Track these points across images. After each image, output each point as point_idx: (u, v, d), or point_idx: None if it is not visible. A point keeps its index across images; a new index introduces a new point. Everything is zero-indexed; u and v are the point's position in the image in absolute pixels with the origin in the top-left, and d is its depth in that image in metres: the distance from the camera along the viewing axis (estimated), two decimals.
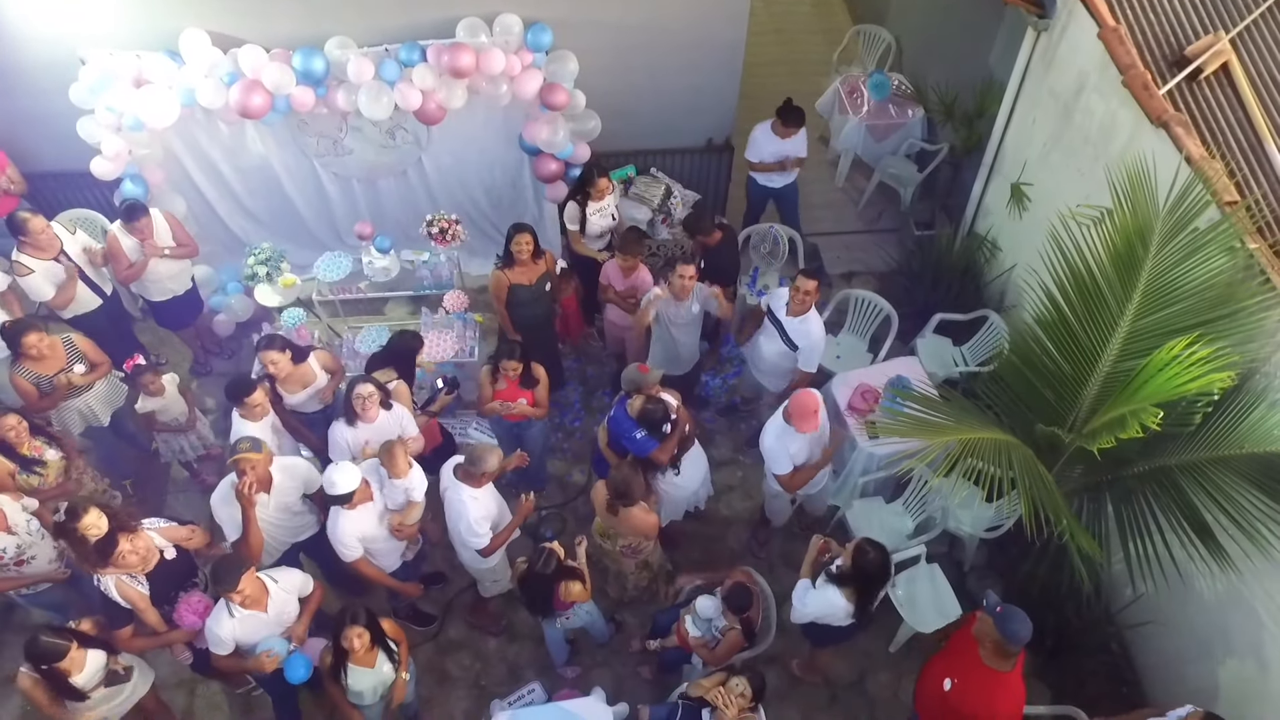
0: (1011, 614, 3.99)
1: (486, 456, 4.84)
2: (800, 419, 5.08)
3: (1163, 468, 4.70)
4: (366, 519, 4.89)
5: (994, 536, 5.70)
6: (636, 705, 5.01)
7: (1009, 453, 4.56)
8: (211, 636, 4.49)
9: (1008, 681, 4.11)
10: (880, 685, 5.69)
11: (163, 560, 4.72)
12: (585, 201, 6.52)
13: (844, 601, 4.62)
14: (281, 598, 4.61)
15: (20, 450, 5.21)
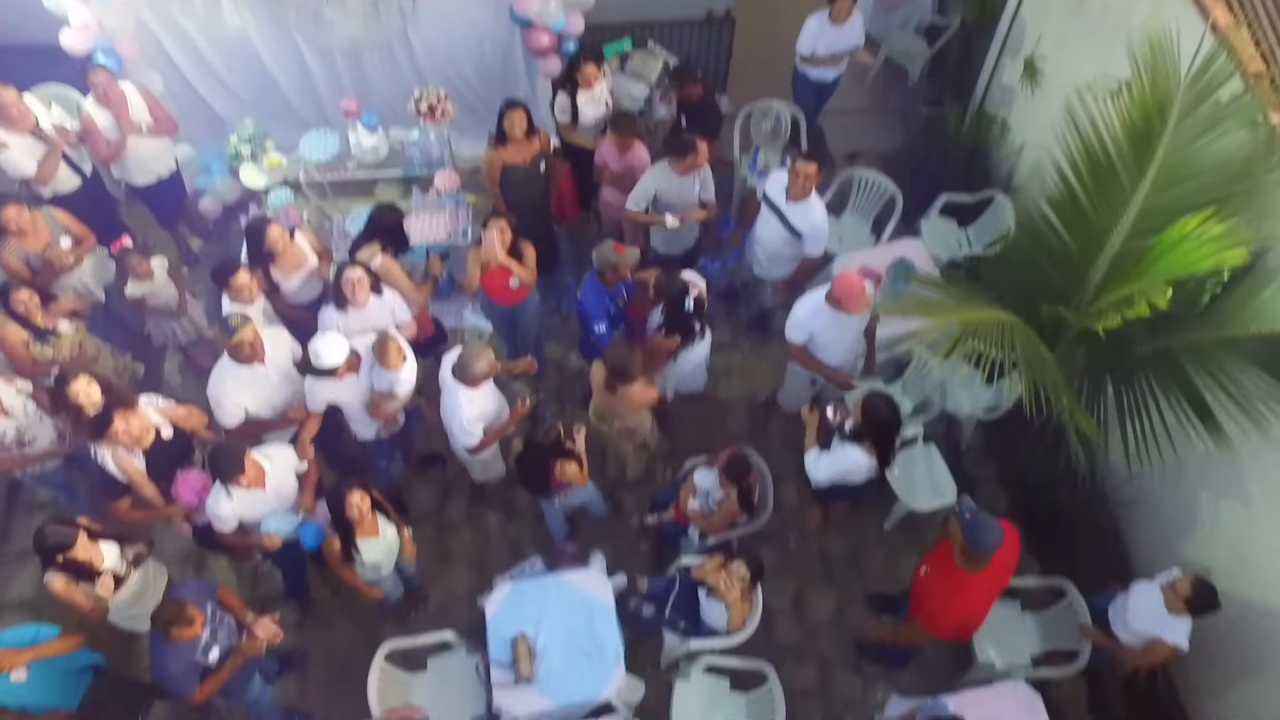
0: (978, 522, 4.01)
1: (476, 361, 4.75)
2: (851, 300, 4.93)
3: (1166, 349, 4.66)
4: (347, 390, 4.88)
5: (992, 418, 5.72)
6: (635, 575, 5.14)
7: (1011, 333, 4.52)
8: (213, 516, 4.53)
9: (971, 583, 4.15)
10: (874, 561, 5.82)
11: (159, 438, 4.71)
12: (574, 91, 6.21)
13: (865, 458, 4.67)
14: (278, 475, 4.63)
15: (35, 320, 5.18)
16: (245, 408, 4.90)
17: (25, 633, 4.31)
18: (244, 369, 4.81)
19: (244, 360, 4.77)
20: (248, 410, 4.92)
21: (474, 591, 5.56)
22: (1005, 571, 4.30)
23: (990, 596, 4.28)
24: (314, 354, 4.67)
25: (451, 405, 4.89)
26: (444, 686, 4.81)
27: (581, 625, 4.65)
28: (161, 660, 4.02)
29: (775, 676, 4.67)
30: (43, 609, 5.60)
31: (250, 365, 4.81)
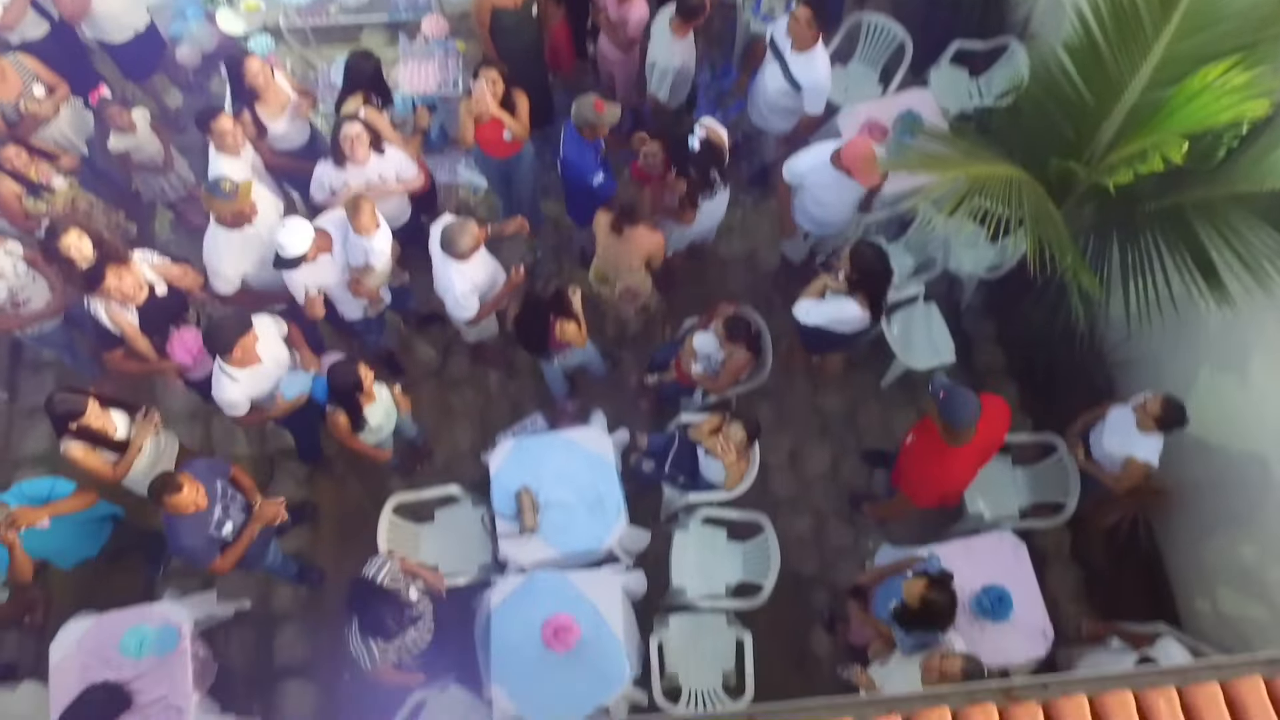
0: (953, 399, 4.03)
1: (461, 236, 4.64)
2: (859, 170, 4.80)
3: (1176, 205, 4.58)
4: (325, 272, 4.81)
5: (994, 277, 5.68)
6: (635, 432, 5.24)
7: (1019, 189, 4.43)
8: (226, 404, 4.55)
9: (953, 456, 4.23)
10: (870, 417, 5.92)
11: (153, 295, 4.69)
12: None
13: (858, 309, 4.71)
14: (269, 347, 4.63)
15: (28, 175, 5.08)
16: (243, 273, 4.85)
17: (42, 485, 4.44)
18: (235, 233, 4.73)
19: (233, 225, 4.69)
20: (245, 274, 4.87)
21: (477, 447, 5.70)
22: (992, 444, 4.40)
23: (974, 468, 4.40)
24: (279, 247, 4.56)
25: (444, 280, 4.84)
26: (452, 537, 5.00)
27: (583, 479, 4.77)
28: (176, 535, 4.15)
29: (771, 527, 4.84)
30: (58, 464, 5.73)
31: (240, 229, 4.73)
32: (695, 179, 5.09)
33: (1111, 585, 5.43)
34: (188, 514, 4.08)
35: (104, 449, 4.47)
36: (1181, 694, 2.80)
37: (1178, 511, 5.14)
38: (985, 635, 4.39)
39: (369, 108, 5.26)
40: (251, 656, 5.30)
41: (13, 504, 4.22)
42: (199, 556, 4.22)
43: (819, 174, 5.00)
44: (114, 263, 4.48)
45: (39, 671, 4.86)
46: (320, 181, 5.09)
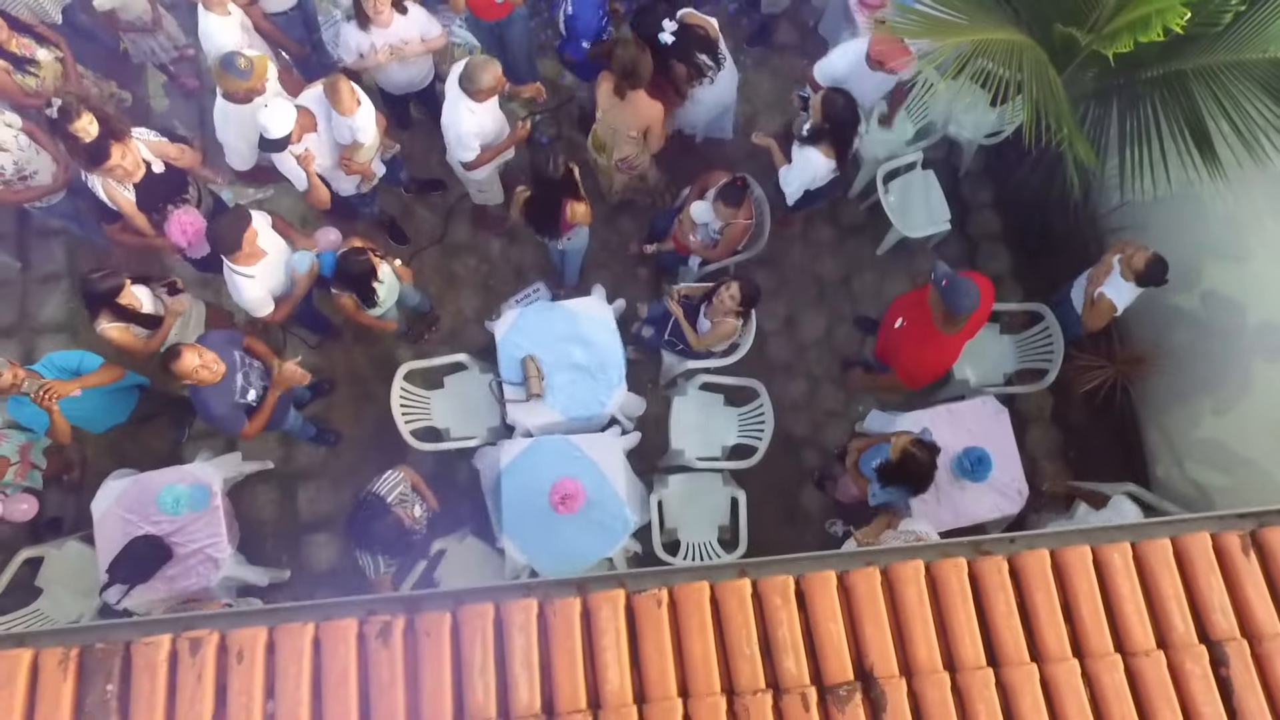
0: (955, 288, 4.11)
1: (480, 74, 4.62)
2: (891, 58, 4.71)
3: (1177, 72, 4.55)
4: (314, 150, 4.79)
5: (993, 143, 5.67)
6: (635, 301, 5.38)
7: (1020, 54, 4.40)
8: (251, 304, 4.63)
9: (945, 343, 4.37)
10: (865, 283, 6.05)
11: (150, 173, 4.73)
12: None
13: (823, 159, 4.80)
14: (269, 238, 4.68)
15: (9, 48, 4.96)
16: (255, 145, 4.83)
17: (71, 357, 4.62)
18: (245, 108, 4.70)
19: (243, 101, 4.66)
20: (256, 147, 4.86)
21: (482, 314, 5.86)
22: (978, 323, 4.54)
23: (961, 347, 4.55)
24: (263, 130, 4.50)
25: (453, 116, 4.83)
26: (461, 402, 5.24)
27: (586, 346, 4.95)
28: (205, 406, 4.34)
29: (766, 394, 5.07)
30: (78, 330, 5.95)
31: (251, 103, 4.70)
32: (681, 70, 5.02)
33: (1088, 446, 5.72)
34: (210, 384, 4.26)
35: (135, 325, 4.62)
36: (1134, 548, 3.08)
37: (1154, 377, 5.36)
38: (965, 494, 4.70)
39: None
40: (277, 512, 5.66)
41: (46, 375, 4.42)
42: (229, 423, 4.44)
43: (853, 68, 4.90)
44: (117, 138, 4.49)
45: (80, 525, 5.23)
46: (348, 45, 5.03)
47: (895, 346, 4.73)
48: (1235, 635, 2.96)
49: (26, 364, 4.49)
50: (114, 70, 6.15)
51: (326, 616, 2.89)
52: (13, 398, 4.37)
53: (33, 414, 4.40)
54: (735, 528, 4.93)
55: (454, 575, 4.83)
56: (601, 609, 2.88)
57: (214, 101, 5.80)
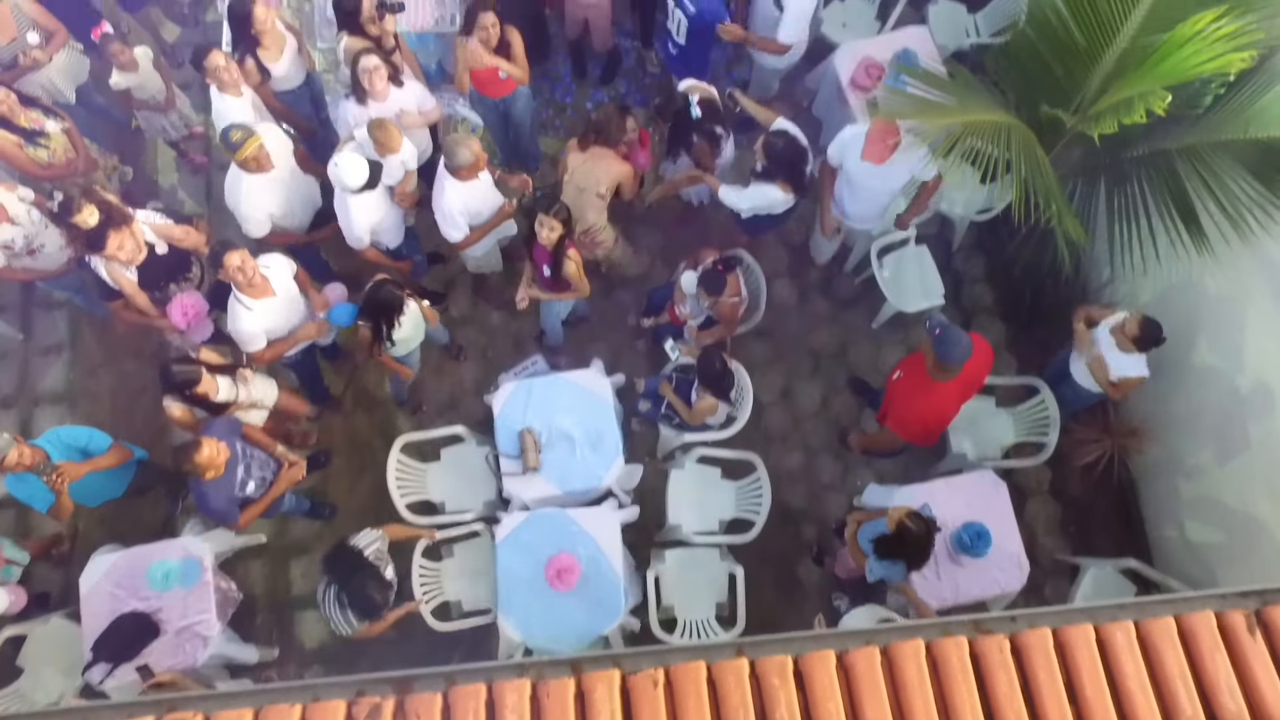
0: (947, 337, 4.17)
1: (458, 150, 4.71)
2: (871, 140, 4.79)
3: (1162, 151, 4.67)
4: (375, 203, 4.91)
5: (985, 219, 5.77)
6: (633, 376, 5.41)
7: (1008, 134, 4.51)
8: (243, 337, 4.67)
9: (940, 391, 4.39)
10: (861, 355, 6.08)
11: (153, 253, 4.80)
12: None
13: (780, 193, 4.95)
14: (281, 280, 4.76)
15: (18, 122, 5.08)
16: (270, 213, 4.93)
17: (79, 434, 4.61)
18: (257, 177, 4.81)
19: (253, 170, 4.77)
20: (272, 215, 4.97)
21: (480, 386, 5.87)
22: (975, 380, 4.56)
23: (957, 403, 4.56)
24: (341, 182, 4.63)
25: (437, 194, 4.93)
26: (457, 475, 5.21)
27: (583, 419, 4.95)
28: (205, 499, 4.33)
29: (763, 467, 5.06)
30: (76, 401, 5.96)
31: (263, 173, 4.81)
32: (704, 143, 5.15)
33: (1088, 520, 5.68)
34: (214, 479, 4.26)
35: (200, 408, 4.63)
36: (1138, 626, 3.03)
37: (1152, 449, 5.35)
38: (964, 570, 4.64)
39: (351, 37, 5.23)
40: (269, 587, 5.58)
41: (54, 454, 4.40)
42: (226, 517, 4.43)
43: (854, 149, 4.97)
44: (116, 227, 4.56)
45: (68, 600, 5.15)
46: (344, 120, 5.14)
47: (891, 397, 4.74)
48: (1244, 717, 2.89)
49: (25, 436, 4.48)
50: (120, 143, 6.30)
51: (315, 697, 2.83)
52: (14, 474, 4.34)
53: (33, 491, 4.39)
54: (733, 604, 4.86)
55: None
56: (596, 689, 2.82)
57: (222, 176, 5.96)
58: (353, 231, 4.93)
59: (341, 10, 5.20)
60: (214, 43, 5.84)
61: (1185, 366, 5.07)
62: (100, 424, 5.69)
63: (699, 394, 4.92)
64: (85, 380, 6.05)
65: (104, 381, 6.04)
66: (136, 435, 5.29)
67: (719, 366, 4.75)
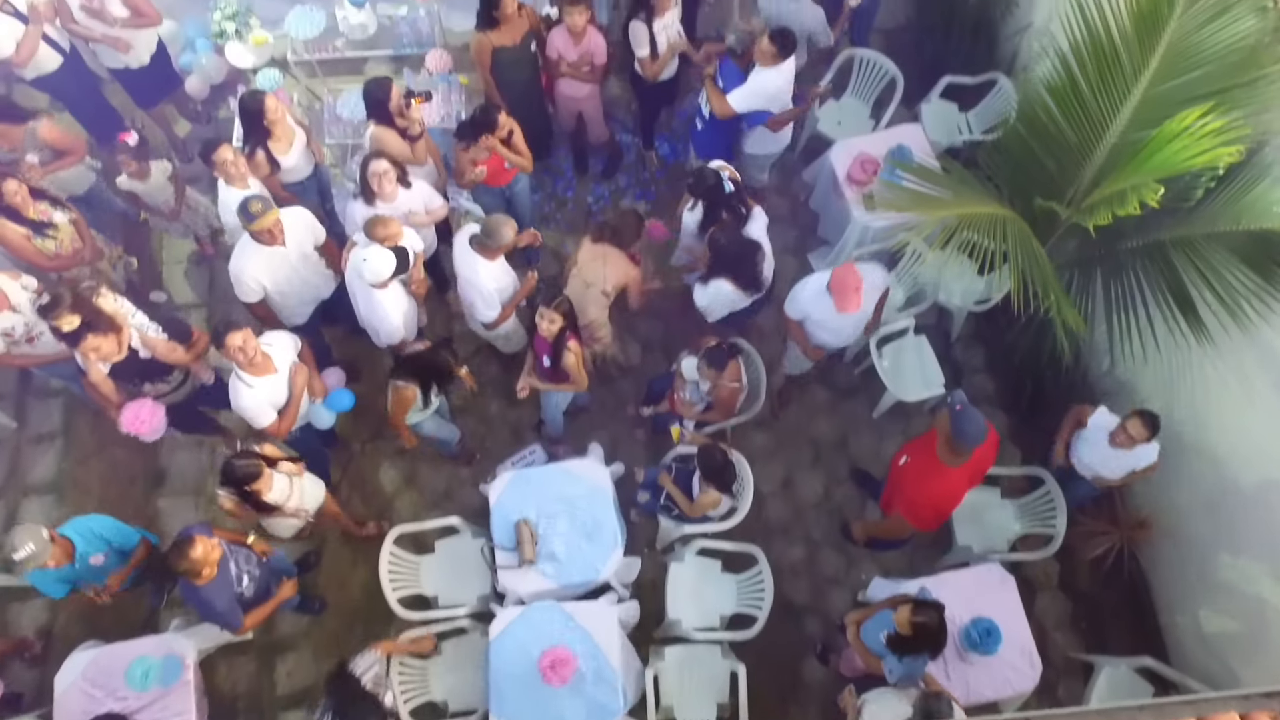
0: (967, 415, 4.12)
1: (501, 229, 4.82)
2: (840, 294, 4.75)
3: (1157, 242, 4.72)
4: (400, 293, 4.96)
5: (983, 309, 5.79)
6: (632, 466, 5.34)
7: (1004, 226, 4.56)
8: (250, 413, 4.62)
9: (949, 474, 4.32)
10: (862, 446, 6.02)
11: (134, 355, 4.80)
12: (650, 18, 5.77)
13: (732, 289, 5.02)
14: (284, 357, 4.74)
15: (27, 214, 5.14)
16: (264, 285, 4.95)
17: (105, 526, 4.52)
18: (265, 249, 4.83)
19: (266, 243, 4.80)
20: (266, 289, 4.98)
21: (477, 475, 5.79)
22: (983, 467, 4.49)
23: (965, 489, 4.48)
24: (372, 274, 4.67)
25: (472, 279, 4.96)
26: (452, 568, 5.08)
27: (581, 510, 4.86)
28: (209, 604, 4.21)
29: (765, 560, 4.93)
30: (65, 490, 5.88)
31: (271, 247, 4.85)
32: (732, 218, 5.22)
33: (1100, 614, 5.52)
34: (209, 581, 4.16)
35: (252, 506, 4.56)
36: None
37: (1165, 540, 5.24)
38: (974, 669, 4.48)
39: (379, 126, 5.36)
40: (251, 687, 5.38)
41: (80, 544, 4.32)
42: (230, 618, 4.30)
43: (817, 303, 4.98)
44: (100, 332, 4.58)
45: (41, 701, 4.96)
46: (353, 220, 5.20)
47: (898, 482, 4.64)
48: None
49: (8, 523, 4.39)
50: (127, 231, 6.39)
51: None
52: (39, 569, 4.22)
53: (55, 584, 4.33)
54: (735, 704, 4.67)
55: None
56: None
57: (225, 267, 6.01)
58: (391, 324, 4.95)
59: (372, 99, 5.33)
60: (224, 138, 6.00)
61: (1191, 456, 5.00)
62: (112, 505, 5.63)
63: (701, 487, 4.84)
64: (76, 469, 5.98)
65: (95, 471, 5.96)
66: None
67: (721, 459, 4.68)
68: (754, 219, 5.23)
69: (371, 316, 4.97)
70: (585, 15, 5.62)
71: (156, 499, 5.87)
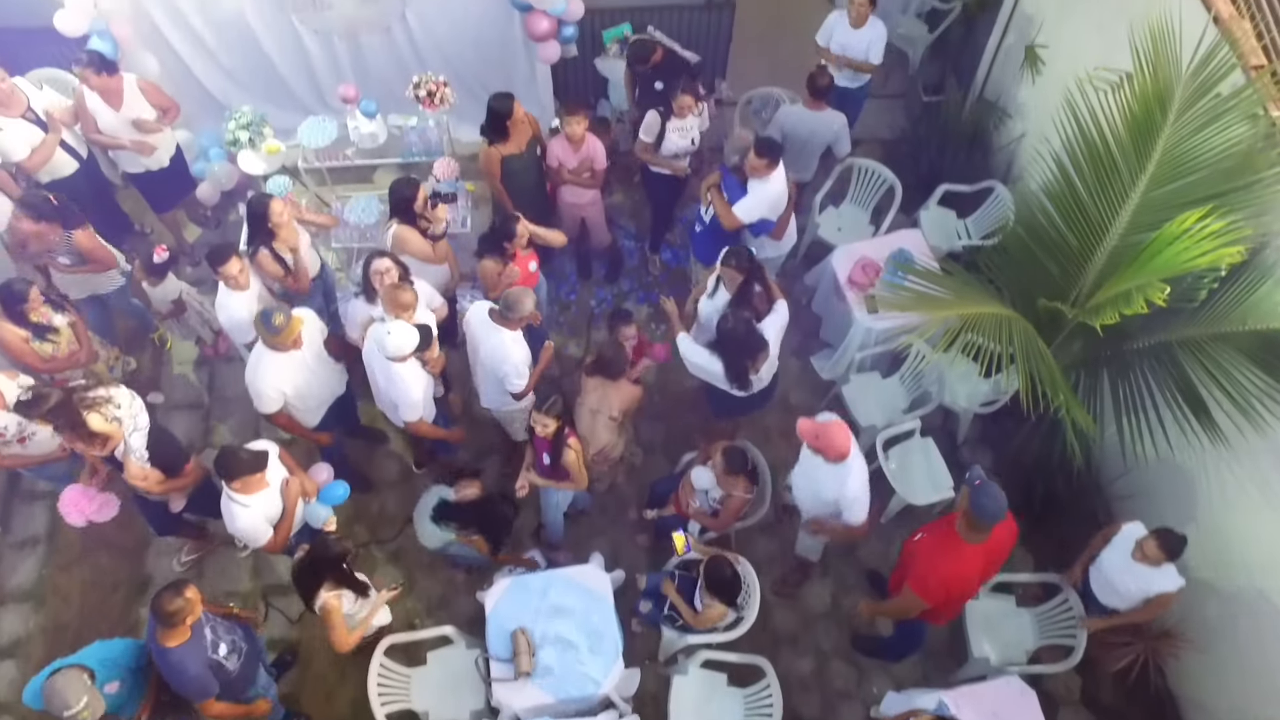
0: (987, 490, 4.01)
1: (522, 300, 4.84)
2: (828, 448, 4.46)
3: (1163, 343, 4.68)
4: (419, 370, 4.92)
5: (989, 411, 5.72)
6: (634, 573, 5.17)
7: (1009, 327, 4.53)
8: (247, 535, 4.51)
9: (963, 551, 4.17)
10: (871, 552, 5.84)
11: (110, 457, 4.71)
12: (668, 115, 6.02)
13: (718, 369, 4.96)
14: (272, 468, 4.63)
15: (30, 317, 5.12)
16: (285, 393, 4.90)
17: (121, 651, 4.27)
18: (282, 356, 4.80)
19: (284, 350, 4.77)
20: (286, 396, 4.93)
21: (473, 583, 5.60)
22: (1000, 551, 4.34)
23: (981, 575, 4.33)
24: (393, 347, 4.65)
25: (500, 352, 4.94)
26: (444, 681, 4.83)
27: (581, 620, 4.67)
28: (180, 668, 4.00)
29: (773, 673, 4.70)
30: (44, 598, 5.67)
31: (288, 353, 4.82)
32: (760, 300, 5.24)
33: None
34: (182, 642, 3.98)
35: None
36: None
37: (1191, 652, 5.01)
38: None
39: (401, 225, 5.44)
40: None
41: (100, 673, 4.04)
42: (203, 684, 4.07)
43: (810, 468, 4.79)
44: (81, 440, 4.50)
45: None
46: (353, 319, 5.20)
47: (911, 558, 4.43)
48: None
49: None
50: (128, 330, 6.37)
51: None
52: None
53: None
54: None
55: None
56: None
57: (226, 369, 5.99)
58: (413, 397, 4.91)
59: (398, 197, 5.42)
60: (233, 241, 6.08)
61: (1216, 564, 4.84)
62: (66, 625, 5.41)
63: (705, 600, 4.66)
64: (57, 576, 5.79)
65: (77, 577, 5.77)
66: (106, 635, 4.92)
67: (729, 573, 4.53)
68: (776, 311, 5.21)
69: (391, 391, 4.92)
70: (583, 123, 5.79)
71: (138, 607, 5.65)
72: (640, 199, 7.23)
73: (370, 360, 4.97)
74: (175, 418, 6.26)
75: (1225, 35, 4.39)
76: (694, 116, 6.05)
